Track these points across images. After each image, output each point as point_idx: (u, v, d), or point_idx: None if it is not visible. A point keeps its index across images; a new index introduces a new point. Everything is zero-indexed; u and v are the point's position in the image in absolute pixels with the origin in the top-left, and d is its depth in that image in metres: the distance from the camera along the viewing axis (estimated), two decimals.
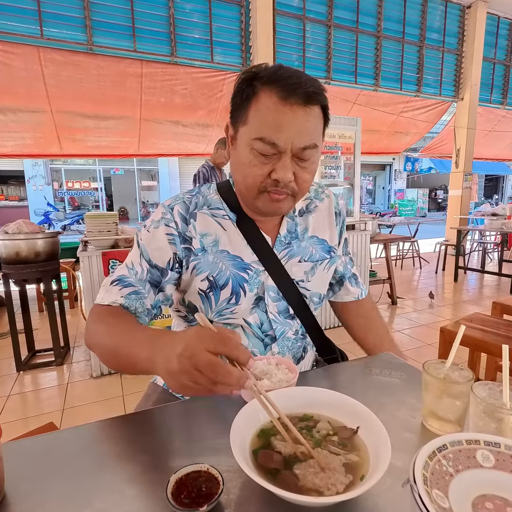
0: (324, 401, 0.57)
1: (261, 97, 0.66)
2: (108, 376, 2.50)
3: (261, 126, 0.66)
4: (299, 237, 0.85)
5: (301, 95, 0.64)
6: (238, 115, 0.70)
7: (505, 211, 5.28)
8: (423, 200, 18.97)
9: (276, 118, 0.65)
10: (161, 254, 0.75)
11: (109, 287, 0.73)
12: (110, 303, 0.71)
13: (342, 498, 0.40)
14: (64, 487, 0.48)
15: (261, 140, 0.66)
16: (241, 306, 0.79)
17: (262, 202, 0.72)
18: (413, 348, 2.94)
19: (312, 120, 0.67)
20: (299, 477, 0.44)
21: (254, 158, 0.68)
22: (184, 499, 0.43)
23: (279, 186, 0.69)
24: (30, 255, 2.41)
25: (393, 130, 6.83)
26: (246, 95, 0.67)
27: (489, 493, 0.41)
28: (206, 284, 0.77)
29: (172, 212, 0.77)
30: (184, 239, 0.76)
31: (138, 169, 15.56)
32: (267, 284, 0.80)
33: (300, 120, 0.65)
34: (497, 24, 6.53)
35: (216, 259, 0.77)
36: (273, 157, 0.67)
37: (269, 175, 0.68)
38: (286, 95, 0.64)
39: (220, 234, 0.78)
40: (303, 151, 0.67)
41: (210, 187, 0.84)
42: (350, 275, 0.99)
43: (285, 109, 0.64)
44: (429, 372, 0.58)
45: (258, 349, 0.82)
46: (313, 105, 0.66)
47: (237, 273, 0.78)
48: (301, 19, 4.92)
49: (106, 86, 4.43)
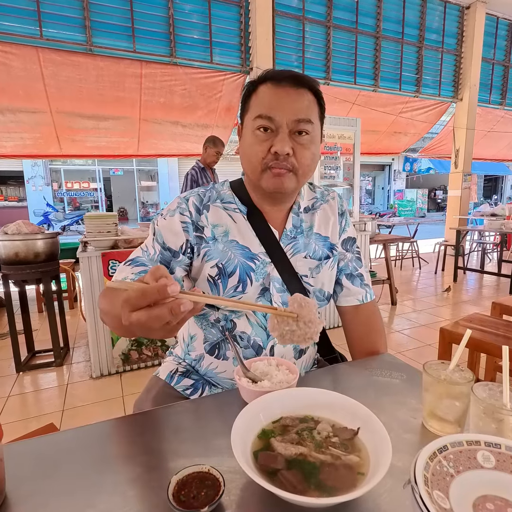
0: (325, 402, 0.57)
1: (259, 89, 0.78)
2: (107, 376, 2.50)
3: (259, 106, 0.76)
4: (304, 232, 0.87)
5: (291, 78, 0.75)
6: (243, 109, 0.81)
7: (504, 211, 5.29)
8: (422, 200, 18.99)
9: (271, 98, 0.75)
10: (175, 239, 0.81)
11: (123, 267, 0.78)
12: (122, 279, 0.74)
13: (343, 499, 0.40)
14: (66, 488, 0.48)
15: (259, 117, 0.74)
16: (247, 294, 0.82)
17: (266, 181, 0.77)
18: (412, 348, 2.94)
19: (304, 100, 0.75)
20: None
21: (256, 138, 0.76)
22: (185, 500, 0.43)
23: (279, 160, 0.74)
24: (29, 256, 2.41)
25: (392, 130, 6.84)
26: (249, 92, 0.80)
27: (490, 493, 0.41)
28: (215, 270, 0.81)
29: (187, 202, 0.84)
30: (197, 227, 0.82)
31: (137, 169, 15.55)
32: (273, 275, 0.83)
33: (292, 98, 0.75)
34: (496, 25, 6.54)
35: (226, 248, 0.82)
36: (272, 134, 0.75)
37: (269, 151, 0.75)
38: (278, 81, 0.75)
39: (231, 226, 0.84)
40: (298, 124, 0.74)
41: (224, 184, 0.90)
42: (354, 274, 0.93)
43: (278, 90, 0.75)
44: (430, 373, 0.58)
45: (261, 338, 0.84)
46: (304, 88, 0.76)
47: (244, 261, 0.82)
48: (300, 19, 4.93)
49: (105, 87, 4.42)
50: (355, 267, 0.93)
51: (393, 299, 4.09)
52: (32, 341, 2.79)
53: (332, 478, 0.45)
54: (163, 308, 0.44)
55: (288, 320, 0.55)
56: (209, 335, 0.87)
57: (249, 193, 0.86)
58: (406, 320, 3.60)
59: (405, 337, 3.18)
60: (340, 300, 0.94)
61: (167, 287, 0.43)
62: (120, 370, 2.55)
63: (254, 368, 0.71)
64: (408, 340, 3.13)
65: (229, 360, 0.85)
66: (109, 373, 2.52)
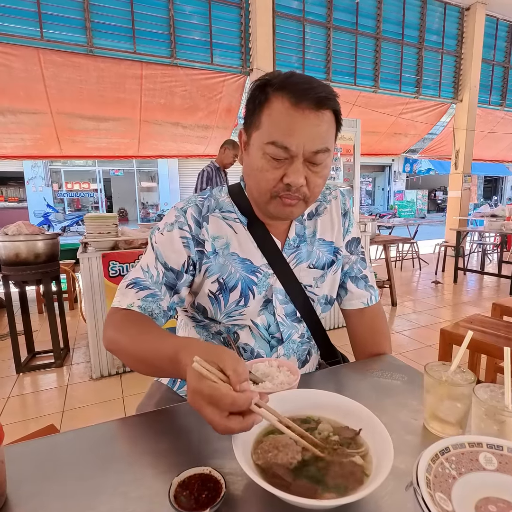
0: (326, 403, 0.57)
1: (273, 102, 0.67)
2: (107, 377, 2.50)
3: (273, 130, 0.66)
4: (307, 240, 0.85)
5: (313, 100, 0.65)
6: (251, 120, 0.71)
7: (504, 212, 5.29)
8: (422, 201, 19.00)
9: (288, 123, 0.65)
10: (176, 257, 0.77)
11: (125, 290, 0.75)
12: (128, 307, 0.72)
13: (345, 501, 0.40)
14: (66, 490, 0.48)
15: (273, 144, 0.66)
16: (249, 308, 0.80)
17: (274, 207, 0.73)
18: (413, 349, 2.94)
19: (323, 124, 0.67)
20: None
21: (267, 163, 0.69)
22: (187, 502, 0.43)
23: (291, 191, 0.69)
24: (29, 257, 2.41)
25: (393, 131, 6.85)
26: (259, 101, 0.69)
27: (492, 495, 0.41)
28: (216, 286, 0.79)
29: (185, 215, 0.78)
30: (198, 242, 0.78)
31: (137, 170, 15.57)
32: (275, 287, 0.81)
33: (311, 124, 0.66)
34: (496, 26, 6.55)
35: (227, 262, 0.79)
36: (285, 162, 0.68)
37: (281, 180, 0.69)
38: (297, 100, 0.65)
39: (231, 237, 0.80)
40: (315, 155, 0.68)
41: (222, 190, 0.85)
42: (358, 276, 0.91)
43: (297, 114, 0.65)
44: (431, 375, 0.58)
45: (264, 350, 0.83)
46: (325, 109, 0.67)
47: (246, 276, 0.79)
48: (300, 21, 4.94)
49: (106, 88, 4.43)
50: (360, 269, 0.91)
51: (393, 300, 4.08)
52: (32, 342, 2.79)
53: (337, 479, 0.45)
54: (239, 424, 0.45)
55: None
56: None
57: (250, 202, 0.81)
58: (406, 321, 3.60)
59: (405, 338, 3.18)
60: (345, 303, 0.92)
61: (252, 400, 0.46)
62: (120, 371, 2.55)
63: (255, 370, 0.71)
64: (408, 341, 3.12)
65: None
66: (109, 374, 2.52)
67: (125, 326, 0.70)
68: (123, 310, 0.73)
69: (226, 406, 0.45)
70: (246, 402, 0.45)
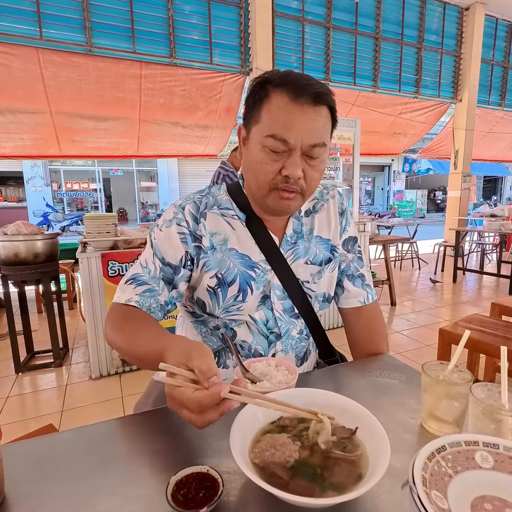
0: (323, 402, 0.57)
1: (272, 98, 0.70)
2: (107, 377, 2.50)
3: (273, 124, 0.69)
4: (304, 236, 0.86)
5: (311, 95, 0.68)
6: (250, 115, 0.74)
7: (503, 212, 5.29)
8: (421, 201, 19.01)
9: (287, 117, 0.68)
10: (174, 252, 0.79)
11: (124, 286, 0.77)
12: (126, 302, 0.75)
13: (342, 499, 0.40)
14: (65, 489, 0.48)
15: (272, 137, 0.69)
16: (247, 303, 0.81)
17: (272, 200, 0.75)
18: (412, 349, 2.94)
19: (321, 119, 0.70)
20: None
21: (266, 156, 0.71)
22: (184, 500, 0.43)
23: (289, 183, 0.71)
24: (29, 257, 2.41)
25: (392, 131, 6.85)
26: (259, 97, 0.71)
27: (488, 494, 0.41)
28: (215, 281, 0.80)
29: (183, 211, 0.80)
30: (195, 237, 0.80)
31: (137, 170, 15.55)
32: (273, 283, 0.82)
33: (309, 118, 0.69)
34: (495, 26, 6.55)
35: (225, 257, 0.80)
36: (284, 155, 0.70)
37: (280, 172, 0.71)
38: (296, 95, 0.68)
39: (229, 233, 0.81)
40: (312, 149, 0.70)
41: (220, 188, 0.86)
42: (355, 274, 0.92)
43: (296, 108, 0.68)
44: (429, 374, 0.59)
45: (262, 347, 0.83)
46: (322, 105, 0.70)
47: (244, 271, 0.80)
48: (300, 20, 4.94)
49: (105, 87, 4.43)
50: (356, 267, 0.92)
51: (393, 299, 4.09)
52: (31, 341, 2.79)
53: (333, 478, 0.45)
54: (215, 413, 0.45)
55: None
56: (209, 342, 0.86)
57: (248, 199, 0.83)
58: (405, 321, 3.61)
59: (404, 338, 3.18)
60: (342, 301, 0.93)
61: (221, 393, 0.45)
62: (119, 370, 2.55)
63: (253, 369, 0.71)
64: (407, 340, 3.13)
65: (229, 369, 0.84)
66: (108, 374, 2.52)
67: (120, 325, 0.71)
68: (122, 306, 0.75)
69: (194, 407, 0.45)
70: (214, 397, 0.45)
